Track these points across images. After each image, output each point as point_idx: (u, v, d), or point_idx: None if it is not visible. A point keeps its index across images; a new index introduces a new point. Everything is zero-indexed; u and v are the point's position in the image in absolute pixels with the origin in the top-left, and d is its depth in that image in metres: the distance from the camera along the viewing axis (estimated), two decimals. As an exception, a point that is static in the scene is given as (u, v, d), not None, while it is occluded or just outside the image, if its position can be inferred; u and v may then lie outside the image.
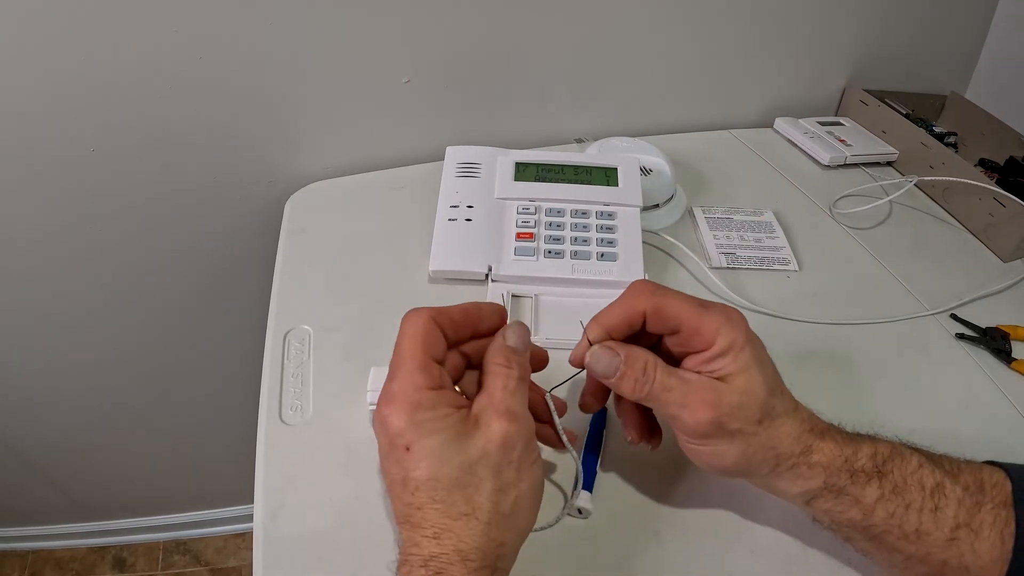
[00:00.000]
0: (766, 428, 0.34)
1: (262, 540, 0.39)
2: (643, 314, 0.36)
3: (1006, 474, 0.34)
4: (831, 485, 0.34)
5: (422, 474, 0.30)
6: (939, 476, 0.34)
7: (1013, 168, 0.72)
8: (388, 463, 0.32)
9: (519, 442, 0.32)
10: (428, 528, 0.30)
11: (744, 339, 0.34)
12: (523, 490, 0.32)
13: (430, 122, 0.71)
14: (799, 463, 0.34)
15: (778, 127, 0.81)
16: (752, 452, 0.34)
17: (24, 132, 0.60)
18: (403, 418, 0.31)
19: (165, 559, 1.18)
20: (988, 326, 0.55)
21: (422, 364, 0.32)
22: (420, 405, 0.31)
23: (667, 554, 0.39)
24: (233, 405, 0.92)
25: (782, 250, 0.62)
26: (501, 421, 0.32)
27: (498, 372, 0.34)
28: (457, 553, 0.29)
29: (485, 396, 0.33)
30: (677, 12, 0.71)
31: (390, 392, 0.32)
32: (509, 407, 0.32)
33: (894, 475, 0.34)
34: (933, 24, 0.82)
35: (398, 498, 0.31)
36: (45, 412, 0.88)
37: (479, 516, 0.30)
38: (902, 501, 0.33)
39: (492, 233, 0.57)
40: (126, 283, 0.75)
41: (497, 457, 0.31)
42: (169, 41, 0.57)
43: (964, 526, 0.32)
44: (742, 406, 0.33)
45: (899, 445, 0.35)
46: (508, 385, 0.33)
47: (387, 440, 0.32)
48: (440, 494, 0.30)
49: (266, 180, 0.70)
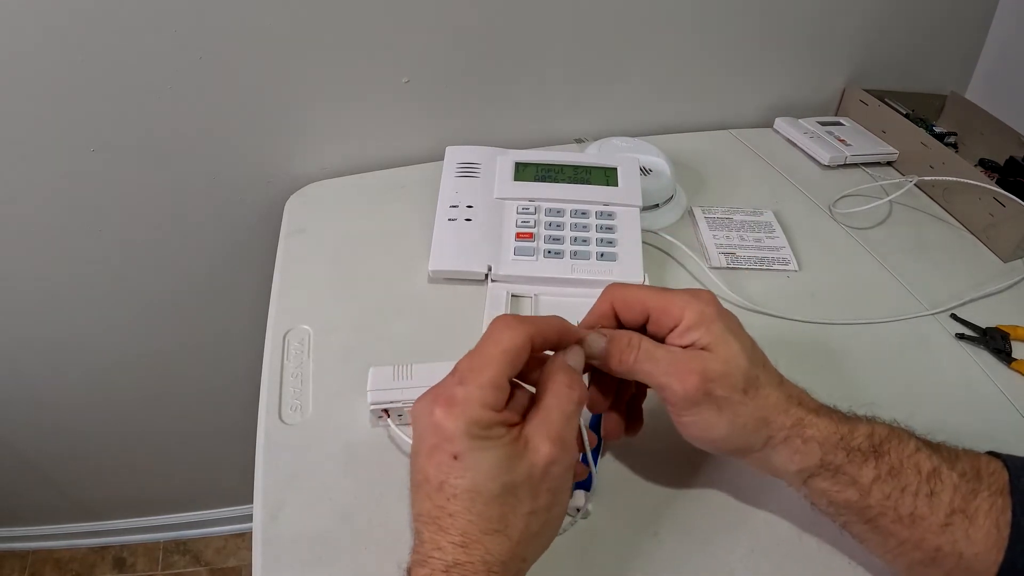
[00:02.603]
0: (752, 397, 0.34)
1: (262, 540, 0.39)
2: (611, 308, 0.38)
3: (1003, 464, 0.35)
4: (828, 463, 0.34)
5: (464, 484, 0.30)
6: (936, 461, 0.34)
7: (1013, 168, 0.72)
8: (427, 463, 0.31)
9: (562, 470, 0.32)
10: (456, 535, 0.30)
11: (714, 312, 0.36)
12: (554, 514, 0.32)
13: (430, 122, 0.71)
14: (792, 436, 0.34)
15: (778, 127, 0.81)
16: (742, 422, 0.34)
17: (23, 133, 0.60)
18: (460, 427, 0.30)
19: (165, 559, 1.18)
20: (988, 326, 0.55)
21: (498, 382, 0.31)
22: (480, 422, 0.30)
23: (667, 554, 0.39)
24: (233, 405, 0.92)
25: (782, 250, 0.62)
26: (552, 447, 0.31)
27: (560, 392, 0.33)
28: (483, 564, 0.29)
29: (541, 416, 0.32)
30: (677, 12, 0.71)
31: (453, 395, 0.31)
32: (562, 434, 0.32)
33: (891, 456, 0.34)
34: (933, 24, 0.82)
35: (428, 498, 0.31)
36: (45, 412, 0.88)
37: (510, 534, 0.30)
38: (898, 483, 0.33)
39: (492, 233, 0.57)
40: (125, 283, 0.75)
41: (540, 482, 0.31)
42: (168, 41, 0.57)
43: (959, 512, 0.32)
44: (726, 374, 0.34)
45: (896, 428, 0.36)
46: (566, 409, 0.32)
47: (433, 441, 0.31)
48: (477, 507, 0.30)
49: (266, 180, 0.70)
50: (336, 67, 0.64)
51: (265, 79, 0.63)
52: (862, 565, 0.39)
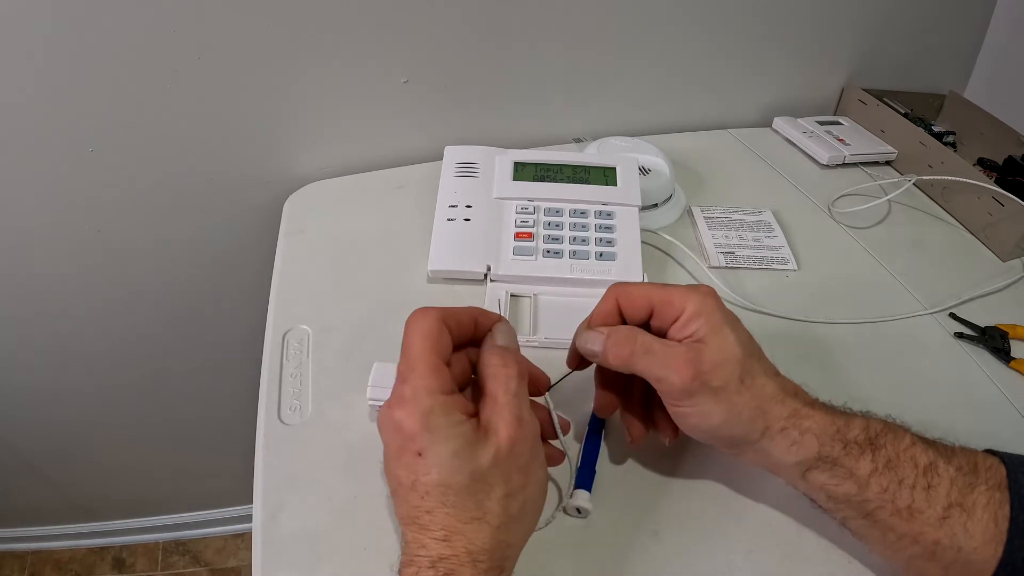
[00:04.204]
0: (748, 387, 0.35)
1: (261, 540, 0.39)
2: (616, 304, 0.39)
3: (1000, 460, 0.35)
4: (825, 456, 0.34)
5: (433, 479, 0.30)
6: (932, 455, 0.34)
7: (1012, 167, 0.72)
8: (396, 466, 0.32)
9: (527, 447, 0.32)
10: (437, 530, 0.30)
11: (713, 304, 0.37)
12: (530, 493, 0.33)
13: (429, 122, 0.71)
14: (788, 427, 0.35)
15: (777, 126, 0.81)
16: (739, 411, 0.35)
17: (22, 132, 0.60)
18: (417, 423, 0.31)
19: (165, 559, 1.18)
20: (987, 325, 0.56)
21: (434, 367, 0.32)
22: (433, 411, 0.31)
23: (666, 553, 0.39)
24: (232, 405, 0.92)
25: (781, 249, 0.62)
26: (509, 428, 0.32)
27: (496, 374, 0.34)
28: (467, 555, 0.30)
29: (490, 402, 0.33)
30: (676, 11, 0.71)
31: (402, 395, 0.32)
32: (515, 412, 0.32)
33: (887, 449, 0.34)
34: (932, 23, 0.82)
35: (404, 500, 0.31)
36: (45, 412, 0.88)
37: (489, 520, 0.30)
38: (895, 476, 0.33)
39: (491, 233, 0.57)
40: (124, 283, 0.75)
41: (507, 464, 0.31)
42: (167, 41, 0.57)
43: (956, 506, 0.33)
44: (722, 363, 0.35)
45: (891, 423, 0.36)
46: (509, 387, 0.33)
47: (397, 443, 0.32)
48: (451, 499, 0.30)
49: (264, 180, 0.70)
50: (335, 67, 0.64)
51: (264, 79, 0.63)
52: (861, 564, 0.39)
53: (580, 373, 0.42)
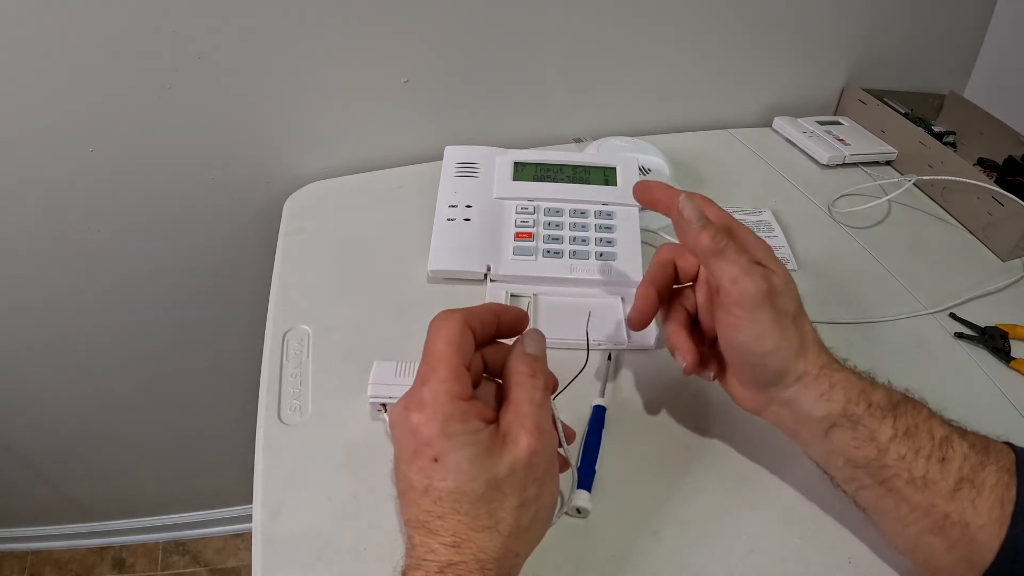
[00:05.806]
0: (800, 326, 0.37)
1: (261, 540, 0.39)
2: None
3: (1010, 446, 0.35)
4: (850, 413, 0.35)
5: (448, 486, 0.30)
6: (947, 429, 0.35)
7: (1012, 167, 0.72)
8: (410, 469, 0.31)
9: (544, 459, 0.32)
10: (447, 536, 0.30)
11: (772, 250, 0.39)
12: (543, 504, 0.32)
13: (429, 122, 0.71)
14: (821, 376, 0.36)
15: (777, 126, 0.81)
16: (789, 342, 0.36)
17: (22, 132, 0.60)
18: (436, 428, 0.30)
19: (164, 559, 1.18)
20: (987, 325, 0.56)
21: (456, 372, 0.32)
22: (453, 417, 0.30)
23: (666, 553, 0.39)
24: (232, 405, 0.92)
25: (780, 249, 0.62)
26: (530, 438, 0.31)
27: (524, 383, 0.33)
28: (477, 563, 0.29)
29: (512, 409, 0.32)
30: (675, 11, 0.71)
31: (421, 398, 0.31)
32: (537, 423, 0.32)
33: (907, 417, 0.35)
34: (932, 23, 0.82)
35: (415, 504, 0.31)
36: (45, 412, 0.88)
37: (501, 530, 0.30)
38: (913, 445, 0.34)
39: (491, 233, 0.57)
40: (124, 283, 0.75)
41: (523, 474, 0.31)
42: (167, 41, 0.57)
43: (967, 481, 0.33)
44: (788, 293, 0.37)
45: (909, 396, 0.37)
46: (534, 398, 0.33)
47: (413, 447, 0.31)
48: (465, 507, 0.30)
49: (265, 180, 0.70)
50: (335, 67, 0.64)
51: (264, 79, 0.63)
52: (862, 564, 0.39)
53: (577, 381, 0.43)
